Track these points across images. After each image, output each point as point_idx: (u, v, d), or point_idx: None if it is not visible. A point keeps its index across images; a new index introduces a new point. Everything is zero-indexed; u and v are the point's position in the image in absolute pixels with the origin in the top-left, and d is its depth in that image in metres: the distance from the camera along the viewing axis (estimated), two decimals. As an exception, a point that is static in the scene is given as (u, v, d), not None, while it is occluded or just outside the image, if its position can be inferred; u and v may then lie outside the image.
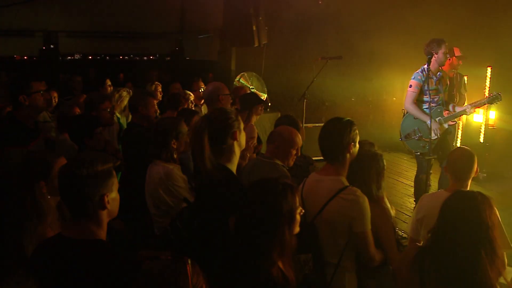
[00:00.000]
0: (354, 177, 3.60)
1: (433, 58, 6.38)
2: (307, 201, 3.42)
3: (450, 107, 6.81)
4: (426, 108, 6.51)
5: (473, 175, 3.95)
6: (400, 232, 5.34)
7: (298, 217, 2.65)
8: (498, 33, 8.98)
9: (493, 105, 6.94)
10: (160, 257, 2.04)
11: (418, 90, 6.58)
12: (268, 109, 8.52)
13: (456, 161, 3.95)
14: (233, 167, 3.43)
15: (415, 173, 7.15)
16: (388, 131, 10.34)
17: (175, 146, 4.32)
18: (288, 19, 9.67)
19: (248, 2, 8.99)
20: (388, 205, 3.93)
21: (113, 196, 2.51)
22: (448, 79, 7.41)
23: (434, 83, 6.56)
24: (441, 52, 6.42)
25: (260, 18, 9.07)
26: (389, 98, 10.88)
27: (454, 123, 7.08)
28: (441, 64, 6.58)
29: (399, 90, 7.92)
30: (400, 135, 6.82)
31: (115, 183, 2.52)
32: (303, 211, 2.75)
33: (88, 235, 2.44)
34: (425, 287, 2.65)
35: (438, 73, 6.63)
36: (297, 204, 2.66)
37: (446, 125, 6.62)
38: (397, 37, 9.37)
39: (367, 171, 3.64)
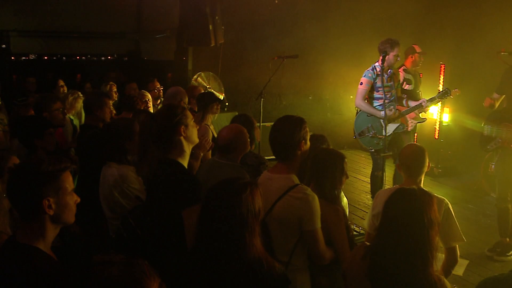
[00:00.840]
0: (315, 176, 3.68)
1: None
2: (258, 199, 3.44)
3: (404, 102, 6.94)
4: (379, 105, 6.63)
5: (425, 170, 4.02)
6: (357, 228, 5.42)
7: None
8: (451, 31, 9.23)
9: (444, 100, 7.05)
10: (115, 260, 1.97)
11: (368, 88, 6.69)
12: (225, 109, 8.56)
13: (408, 157, 4.01)
14: (184, 162, 3.46)
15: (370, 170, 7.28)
16: (345, 128, 10.48)
17: (129, 148, 4.30)
18: (245, 19, 9.71)
19: (204, 2, 8.98)
20: (345, 200, 4.01)
21: (60, 201, 2.41)
22: (415, 77, 7.60)
23: (385, 80, 6.61)
24: (392, 54, 6.51)
25: (217, 17, 9.08)
26: (346, 96, 10.99)
27: (424, 120, 7.26)
28: (390, 65, 6.66)
29: (355, 88, 8.04)
30: (354, 133, 6.91)
31: (62, 187, 2.41)
32: None
33: (27, 239, 2.39)
34: (373, 285, 2.68)
35: (389, 70, 6.71)
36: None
37: (398, 122, 6.71)
38: (353, 35, 9.53)
39: (330, 173, 3.67)
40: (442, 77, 9.15)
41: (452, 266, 3.94)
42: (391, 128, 6.61)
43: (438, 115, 9.38)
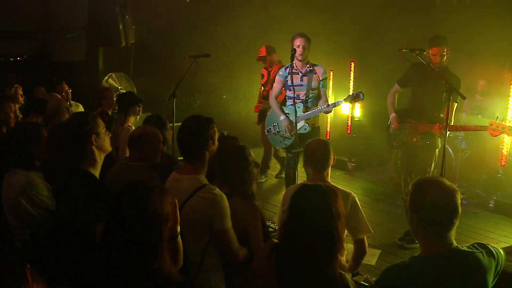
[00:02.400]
0: (224, 173, 3.69)
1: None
2: (168, 201, 3.42)
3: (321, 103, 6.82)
4: (291, 104, 6.38)
5: (331, 163, 4.12)
6: (272, 225, 5.51)
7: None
8: (360, 30, 9.57)
9: (356, 102, 6.68)
10: None
11: (280, 86, 6.60)
12: (139, 110, 8.44)
13: (312, 153, 4.10)
14: (96, 171, 3.40)
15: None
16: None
17: (35, 153, 4.17)
18: (156, 18, 9.63)
19: (114, 1, 8.83)
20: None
21: None
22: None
23: (299, 79, 6.45)
24: (294, 46, 6.36)
25: (127, 17, 8.94)
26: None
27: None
28: (301, 59, 6.42)
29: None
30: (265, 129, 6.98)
31: None
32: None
33: None
34: (281, 282, 2.70)
35: (306, 68, 6.47)
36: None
37: (302, 123, 6.43)
38: (266, 34, 9.65)
39: (236, 166, 3.70)
40: (352, 73, 9.46)
41: (361, 257, 4.08)
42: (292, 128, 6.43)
43: (349, 110, 9.67)
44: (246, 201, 3.64)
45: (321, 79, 6.49)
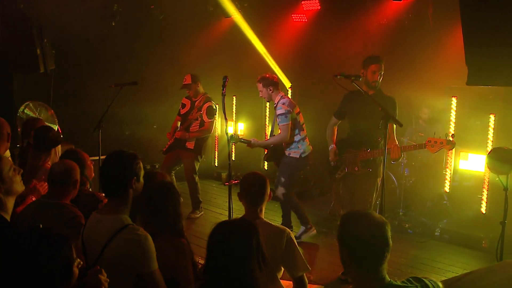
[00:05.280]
0: (149, 211, 3.67)
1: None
2: (88, 244, 3.35)
3: None
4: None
5: (266, 198, 4.15)
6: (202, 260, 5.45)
7: (76, 270, 2.59)
8: (301, 57, 9.81)
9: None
10: None
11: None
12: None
13: (248, 186, 4.12)
14: (7, 215, 3.33)
15: (223, 200, 7.34)
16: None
17: None
18: (79, 43, 9.48)
19: (30, 22, 8.60)
20: None
21: None
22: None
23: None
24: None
25: (45, 40, 8.73)
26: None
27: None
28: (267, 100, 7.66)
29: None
30: None
31: None
32: (81, 263, 2.69)
33: None
34: None
35: (274, 104, 7.52)
36: (74, 256, 2.60)
37: None
38: (199, 63, 9.76)
39: (164, 204, 3.69)
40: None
41: (303, 294, 4.11)
42: None
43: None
44: (174, 239, 3.63)
45: (276, 114, 7.40)
